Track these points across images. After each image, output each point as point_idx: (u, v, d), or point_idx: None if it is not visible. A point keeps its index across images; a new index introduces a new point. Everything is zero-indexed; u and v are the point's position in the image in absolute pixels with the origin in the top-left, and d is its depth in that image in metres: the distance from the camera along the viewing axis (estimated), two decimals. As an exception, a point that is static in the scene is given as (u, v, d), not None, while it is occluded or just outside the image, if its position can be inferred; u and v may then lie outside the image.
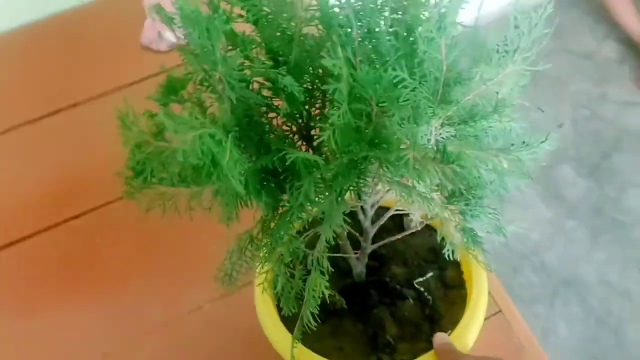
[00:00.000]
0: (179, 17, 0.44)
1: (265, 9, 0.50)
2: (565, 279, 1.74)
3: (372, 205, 0.61)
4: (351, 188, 0.49)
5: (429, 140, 0.48)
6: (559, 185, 1.93)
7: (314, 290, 0.56)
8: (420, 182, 0.47)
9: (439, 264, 0.72)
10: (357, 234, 0.65)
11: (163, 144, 0.46)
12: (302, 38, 0.50)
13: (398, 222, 0.70)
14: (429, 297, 0.69)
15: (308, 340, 0.63)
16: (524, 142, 0.50)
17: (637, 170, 1.94)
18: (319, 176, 0.47)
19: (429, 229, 0.73)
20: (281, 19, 0.50)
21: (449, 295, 0.70)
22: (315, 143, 0.55)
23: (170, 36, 1.17)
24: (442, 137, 0.48)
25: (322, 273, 0.56)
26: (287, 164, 0.48)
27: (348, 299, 0.69)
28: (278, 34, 0.50)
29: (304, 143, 0.56)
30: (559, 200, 1.90)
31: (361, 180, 0.49)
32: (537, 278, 1.74)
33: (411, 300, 0.69)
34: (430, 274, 0.70)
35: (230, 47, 0.48)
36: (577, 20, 2.36)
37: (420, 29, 0.43)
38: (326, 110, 0.53)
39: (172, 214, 0.52)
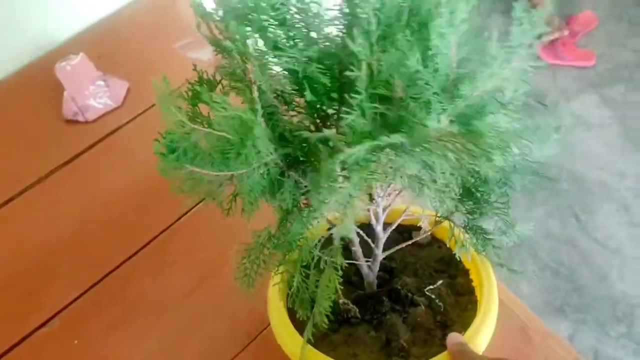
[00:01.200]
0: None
1: (292, 8, 0.51)
2: (515, 242, 1.84)
3: (384, 209, 0.63)
4: (368, 179, 0.49)
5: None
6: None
7: (327, 286, 0.57)
8: (433, 174, 0.47)
9: (449, 273, 0.73)
10: (369, 240, 0.66)
11: (196, 127, 0.48)
12: (324, 38, 0.52)
13: (408, 238, 0.72)
14: (440, 303, 0.70)
15: (322, 348, 0.64)
16: (536, 127, 0.52)
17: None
18: (340, 160, 0.47)
19: (437, 242, 0.75)
20: (306, 17, 0.51)
21: (460, 301, 0.71)
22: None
23: (97, 104, 1.13)
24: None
25: (336, 269, 0.57)
26: (306, 149, 0.50)
27: (361, 309, 0.70)
28: (304, 32, 0.52)
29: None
30: (490, 171, 2.01)
31: (377, 173, 0.50)
32: (490, 247, 1.83)
33: (423, 307, 0.70)
34: (440, 282, 0.71)
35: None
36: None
37: (432, 24, 0.45)
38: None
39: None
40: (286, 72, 0.52)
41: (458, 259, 0.72)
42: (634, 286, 1.73)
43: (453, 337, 0.64)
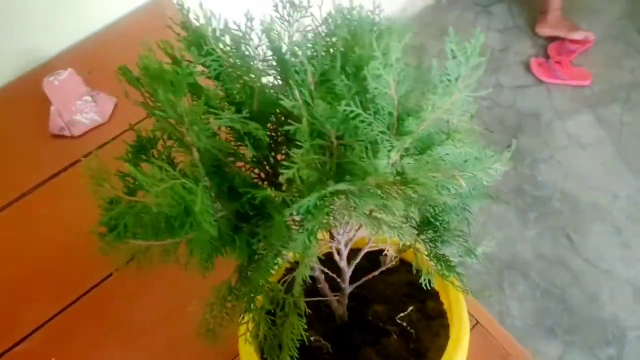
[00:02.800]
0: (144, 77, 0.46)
1: (226, 63, 0.53)
2: (507, 262, 1.84)
3: (346, 245, 0.63)
4: (322, 225, 0.50)
5: (391, 172, 0.50)
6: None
7: (292, 333, 0.57)
8: (387, 211, 0.48)
9: (419, 297, 0.74)
10: (334, 276, 0.67)
11: (135, 199, 0.48)
12: (261, 88, 0.53)
13: (375, 263, 0.72)
14: (412, 330, 0.70)
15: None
16: (475, 157, 0.52)
17: (541, 148, 2.09)
18: (290, 214, 0.49)
19: (405, 265, 0.75)
20: (241, 71, 0.53)
21: (431, 326, 0.71)
22: (282, 184, 0.56)
23: (84, 119, 1.13)
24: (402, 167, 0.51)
25: (300, 315, 0.57)
26: (256, 202, 0.50)
27: (333, 343, 0.70)
28: (239, 85, 0.53)
29: (272, 187, 0.58)
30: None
31: (331, 217, 0.51)
32: (481, 267, 1.82)
33: (395, 336, 0.70)
34: (411, 308, 0.71)
35: (194, 100, 0.51)
36: (458, 18, 2.50)
37: (367, 67, 0.46)
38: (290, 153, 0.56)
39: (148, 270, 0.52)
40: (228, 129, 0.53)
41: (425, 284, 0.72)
42: (625, 308, 1.73)
43: None
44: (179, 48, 0.52)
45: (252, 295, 0.57)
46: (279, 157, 0.56)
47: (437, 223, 0.60)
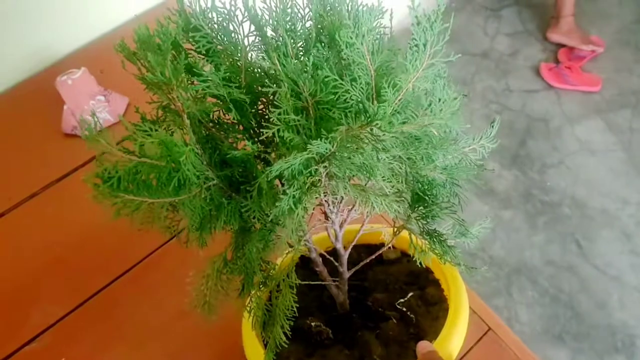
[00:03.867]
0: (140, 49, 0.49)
1: (214, 40, 0.55)
2: (515, 268, 1.83)
3: (341, 226, 0.65)
4: (309, 194, 0.52)
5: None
6: (488, 180, 2.02)
7: (285, 308, 0.59)
8: (372, 178, 0.51)
9: (419, 285, 0.75)
10: (332, 259, 0.69)
11: (128, 155, 0.50)
12: (248, 64, 0.56)
13: (377, 257, 0.72)
14: (412, 315, 0.72)
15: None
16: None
17: (549, 152, 2.09)
18: (276, 178, 0.51)
19: (406, 257, 0.77)
20: (228, 47, 0.55)
21: (431, 311, 0.72)
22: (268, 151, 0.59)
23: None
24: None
25: (291, 287, 0.59)
26: (243, 166, 0.53)
27: (334, 330, 0.71)
28: (227, 62, 0.56)
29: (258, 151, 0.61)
30: (491, 195, 2.00)
31: (319, 188, 0.53)
32: (490, 272, 1.81)
33: (394, 321, 0.71)
34: (411, 294, 0.73)
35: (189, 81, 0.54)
36: (468, 22, 2.50)
37: (339, 34, 0.49)
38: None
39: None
40: (215, 100, 0.55)
41: (426, 270, 0.75)
42: (634, 315, 1.72)
43: (423, 346, 0.64)
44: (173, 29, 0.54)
45: (246, 268, 0.59)
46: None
47: (427, 198, 0.61)
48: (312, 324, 0.70)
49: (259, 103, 0.57)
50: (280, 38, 0.52)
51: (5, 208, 1.06)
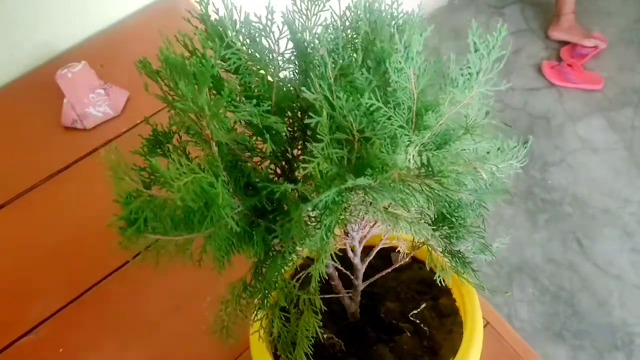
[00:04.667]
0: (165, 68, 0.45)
1: (245, 56, 0.51)
2: (516, 265, 1.83)
3: (360, 241, 0.63)
4: (340, 221, 0.49)
5: (408, 168, 0.49)
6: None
7: (307, 330, 0.56)
8: (404, 206, 0.48)
9: (432, 294, 0.73)
10: (348, 273, 0.66)
11: (155, 193, 0.47)
12: (280, 82, 0.52)
13: (387, 261, 0.71)
14: (425, 328, 0.69)
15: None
16: (498, 149, 0.52)
17: (551, 150, 2.08)
18: (309, 209, 0.48)
19: (417, 263, 0.74)
20: (260, 64, 0.52)
21: (444, 323, 0.70)
22: (299, 178, 0.56)
23: (97, 112, 1.13)
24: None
25: (315, 312, 0.56)
26: (274, 197, 0.49)
27: (346, 340, 0.69)
28: (257, 79, 0.52)
29: (289, 182, 0.58)
30: (492, 192, 1.99)
31: (348, 213, 0.50)
32: (490, 270, 1.81)
33: (408, 334, 0.69)
34: (423, 305, 0.71)
35: (213, 94, 0.50)
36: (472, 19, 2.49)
37: (389, 60, 0.45)
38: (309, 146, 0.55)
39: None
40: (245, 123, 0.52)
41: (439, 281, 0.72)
42: (634, 314, 1.71)
43: None
44: (197, 40, 0.51)
45: (266, 292, 0.56)
46: (295, 152, 0.55)
47: (453, 219, 0.59)
48: (324, 335, 0.67)
49: (295, 130, 0.54)
50: (321, 58, 0.47)
51: (5, 200, 1.06)
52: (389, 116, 0.46)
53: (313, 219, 0.49)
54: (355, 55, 0.50)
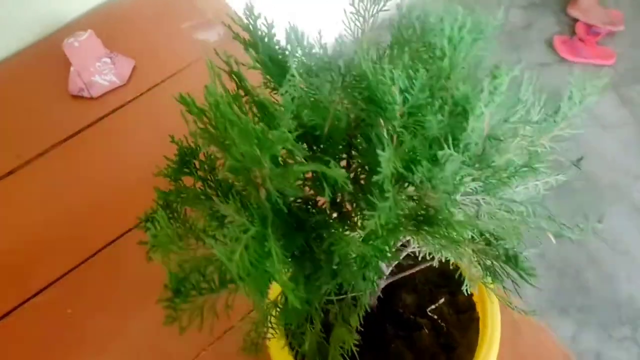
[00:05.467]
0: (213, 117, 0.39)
1: (303, 87, 0.46)
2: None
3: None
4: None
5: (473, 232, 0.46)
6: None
7: (341, 347, 0.53)
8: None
9: (450, 289, 0.69)
10: None
11: (201, 256, 0.43)
12: (337, 114, 0.46)
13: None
14: (443, 324, 0.66)
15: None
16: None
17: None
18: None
19: None
20: (320, 97, 0.46)
21: (461, 319, 0.67)
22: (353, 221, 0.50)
23: (103, 80, 1.14)
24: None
25: (350, 331, 0.52)
26: (330, 249, 0.44)
27: (363, 335, 0.67)
28: (311, 110, 0.46)
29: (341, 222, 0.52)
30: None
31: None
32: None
33: (426, 330, 0.66)
34: (442, 300, 0.67)
35: (258, 119, 0.44)
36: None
37: (470, 108, 0.40)
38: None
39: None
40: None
41: (456, 269, 0.68)
42: (641, 290, 1.71)
43: None
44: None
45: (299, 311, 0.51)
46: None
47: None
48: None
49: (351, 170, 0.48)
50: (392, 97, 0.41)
51: (15, 166, 1.07)
52: (460, 162, 0.41)
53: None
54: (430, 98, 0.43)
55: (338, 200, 0.49)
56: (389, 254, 0.42)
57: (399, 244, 0.57)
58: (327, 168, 0.40)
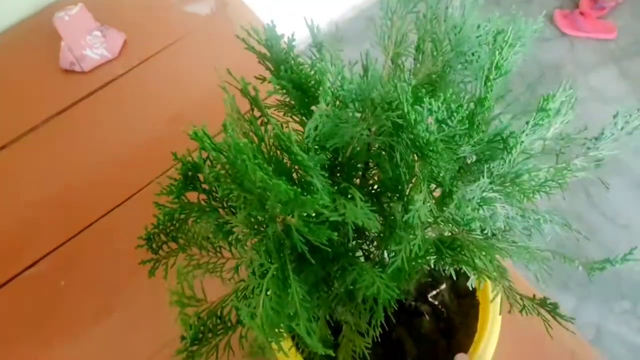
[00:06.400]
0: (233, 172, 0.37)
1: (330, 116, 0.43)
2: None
3: None
4: None
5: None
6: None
7: (353, 351, 0.52)
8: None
9: (450, 273, 0.70)
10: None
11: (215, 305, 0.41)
12: (360, 140, 0.44)
13: None
14: (443, 309, 0.64)
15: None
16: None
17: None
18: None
19: None
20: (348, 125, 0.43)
21: (461, 304, 0.65)
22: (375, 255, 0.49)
23: (94, 54, 1.13)
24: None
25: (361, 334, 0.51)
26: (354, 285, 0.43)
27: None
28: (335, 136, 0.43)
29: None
30: (499, 143, 1.96)
31: None
32: (498, 221, 1.80)
33: (427, 317, 0.64)
34: (443, 287, 0.65)
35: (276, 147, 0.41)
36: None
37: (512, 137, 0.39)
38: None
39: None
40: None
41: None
42: (642, 263, 1.69)
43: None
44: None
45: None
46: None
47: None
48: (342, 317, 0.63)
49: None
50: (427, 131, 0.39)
51: (6, 141, 1.06)
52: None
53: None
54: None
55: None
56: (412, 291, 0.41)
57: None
58: (362, 218, 0.38)
